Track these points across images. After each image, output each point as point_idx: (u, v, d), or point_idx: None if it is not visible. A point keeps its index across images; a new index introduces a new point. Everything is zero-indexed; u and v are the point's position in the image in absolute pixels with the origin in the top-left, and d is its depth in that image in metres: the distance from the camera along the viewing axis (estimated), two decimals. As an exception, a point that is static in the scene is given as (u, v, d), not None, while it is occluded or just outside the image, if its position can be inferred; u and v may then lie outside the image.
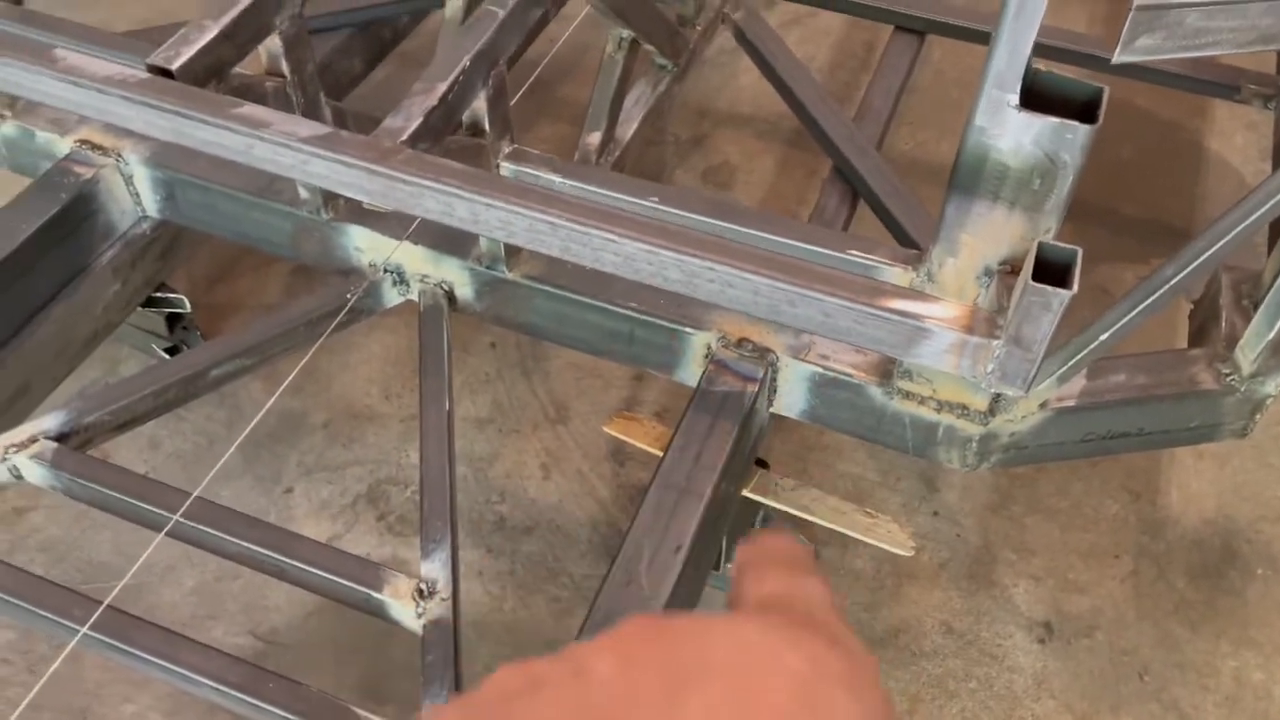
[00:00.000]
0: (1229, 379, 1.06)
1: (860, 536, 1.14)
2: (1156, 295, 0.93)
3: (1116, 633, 1.36)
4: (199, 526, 1.01)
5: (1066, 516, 1.46)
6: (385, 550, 1.43)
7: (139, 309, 1.39)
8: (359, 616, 1.01)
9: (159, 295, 1.45)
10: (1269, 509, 1.47)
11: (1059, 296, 0.73)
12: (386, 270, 1.18)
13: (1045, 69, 0.82)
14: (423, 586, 0.97)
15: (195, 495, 1.00)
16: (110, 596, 0.92)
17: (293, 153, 0.87)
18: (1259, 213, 0.88)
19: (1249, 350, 1.05)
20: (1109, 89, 0.81)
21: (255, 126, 0.87)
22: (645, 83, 1.47)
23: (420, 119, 0.94)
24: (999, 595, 1.39)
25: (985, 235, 0.88)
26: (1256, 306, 1.04)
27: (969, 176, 0.85)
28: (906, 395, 1.05)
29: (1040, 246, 0.75)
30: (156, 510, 1.02)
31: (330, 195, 1.15)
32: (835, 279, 0.81)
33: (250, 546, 1.01)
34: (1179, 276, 0.92)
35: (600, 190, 1.13)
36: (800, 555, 0.51)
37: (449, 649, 0.94)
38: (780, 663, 0.37)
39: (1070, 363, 0.96)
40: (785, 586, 0.47)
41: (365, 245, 1.18)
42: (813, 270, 0.81)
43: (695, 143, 1.94)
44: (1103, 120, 0.80)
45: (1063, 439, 1.08)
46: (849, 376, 1.06)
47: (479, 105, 1.05)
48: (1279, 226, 1.21)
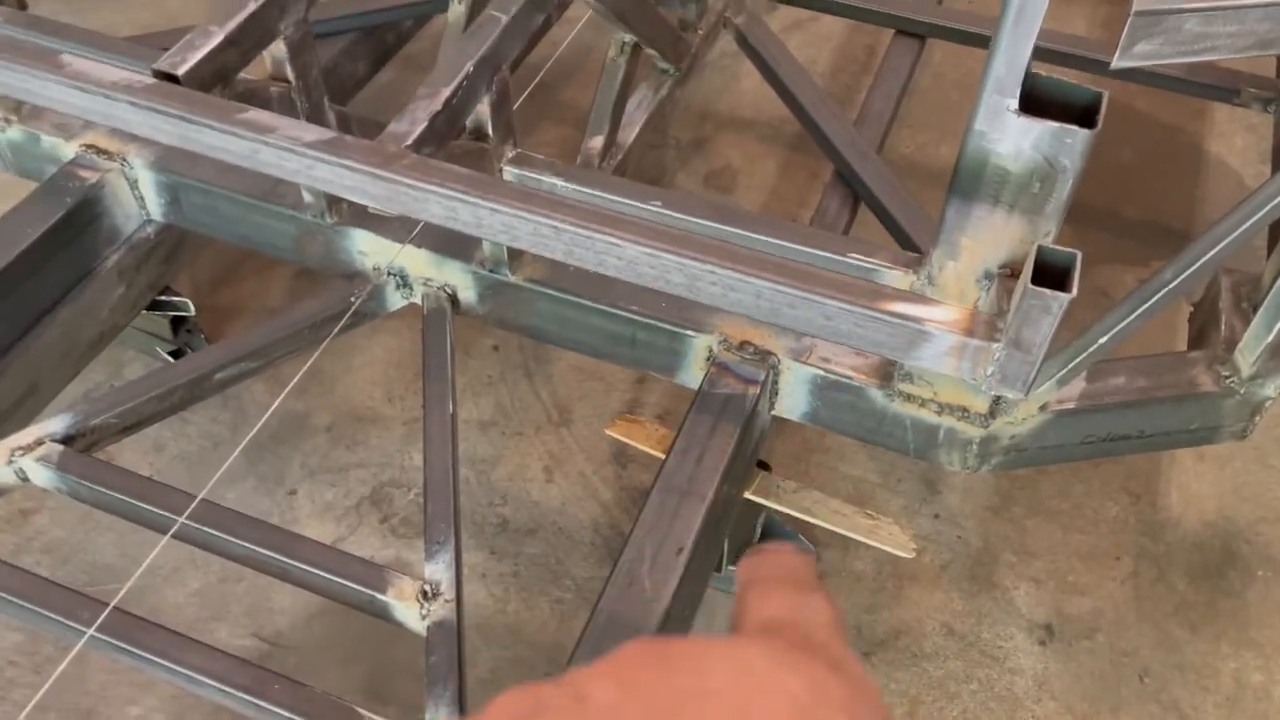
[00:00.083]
0: (1228, 381, 1.07)
1: (861, 539, 1.15)
2: (1156, 298, 0.93)
3: (1117, 634, 1.36)
4: (204, 528, 1.01)
5: (1067, 518, 1.47)
6: (389, 552, 1.43)
7: (143, 312, 1.40)
8: (362, 618, 1.01)
9: (163, 298, 1.46)
10: (1269, 510, 1.47)
11: (1058, 300, 0.74)
12: (390, 273, 1.19)
13: (1045, 74, 0.83)
14: (427, 588, 0.98)
15: (200, 497, 1.00)
16: (117, 598, 0.93)
17: (298, 158, 0.87)
18: (1258, 216, 0.88)
19: (1248, 353, 1.05)
20: (1109, 93, 0.81)
21: (260, 131, 0.88)
22: (647, 86, 1.47)
23: (424, 124, 0.95)
24: (1000, 597, 1.40)
25: (985, 239, 0.89)
26: (1256, 309, 1.04)
27: (969, 180, 0.85)
28: (907, 398, 1.05)
29: (1040, 250, 0.76)
30: (162, 512, 1.02)
31: (334, 199, 1.15)
32: (836, 282, 0.82)
33: (255, 548, 1.01)
34: (1178, 280, 0.93)
35: (603, 194, 1.13)
36: (804, 571, 0.51)
37: (453, 650, 0.95)
38: (779, 688, 0.38)
39: (1070, 365, 0.97)
40: (788, 608, 0.47)
41: (369, 249, 1.19)
42: (814, 274, 0.82)
43: (697, 146, 1.94)
44: (1102, 125, 0.81)
45: (1063, 441, 1.08)
46: (850, 379, 1.07)
47: (482, 110, 1.06)
48: (1278, 229, 1.22)
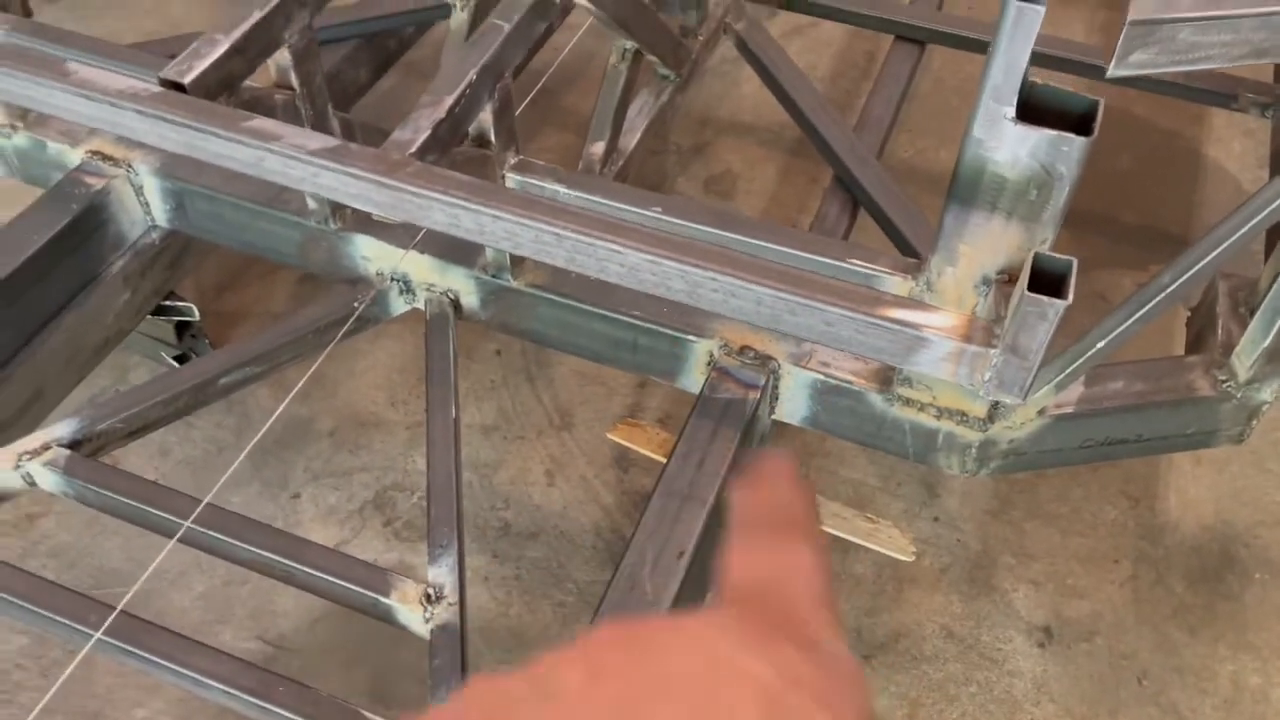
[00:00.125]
0: (1225, 385, 1.07)
1: (862, 542, 1.16)
2: (1153, 304, 0.94)
3: (1115, 637, 1.37)
4: (209, 532, 1.02)
5: (1066, 522, 1.47)
6: (392, 556, 1.44)
7: (148, 317, 1.40)
8: (365, 621, 1.02)
9: (168, 303, 1.47)
10: (1267, 514, 1.48)
11: (1054, 306, 0.75)
12: (393, 279, 1.19)
13: (1041, 82, 0.84)
14: (430, 591, 0.98)
15: (206, 502, 1.01)
16: (124, 601, 0.94)
17: (303, 165, 0.88)
18: (1254, 221, 0.89)
19: (1245, 357, 1.06)
20: (1106, 99, 0.82)
21: (266, 140, 0.89)
22: (648, 92, 1.48)
23: (428, 132, 0.96)
24: (999, 600, 1.40)
25: (983, 245, 0.90)
26: (1253, 314, 1.05)
27: (967, 188, 0.86)
28: (906, 402, 1.06)
29: (1036, 257, 0.77)
30: (168, 516, 1.03)
31: (338, 205, 1.16)
32: (836, 289, 0.83)
33: (259, 552, 1.02)
34: (1175, 285, 0.93)
35: (604, 201, 1.14)
36: (799, 508, 0.49)
37: (456, 653, 0.95)
38: (748, 674, 0.37)
39: (1068, 370, 0.98)
40: (771, 568, 0.45)
41: (372, 254, 1.19)
42: (814, 280, 0.83)
43: (697, 151, 1.95)
44: (1098, 132, 0.82)
45: (1061, 445, 1.09)
46: (849, 384, 1.07)
47: (485, 117, 1.07)
48: (1276, 234, 1.22)
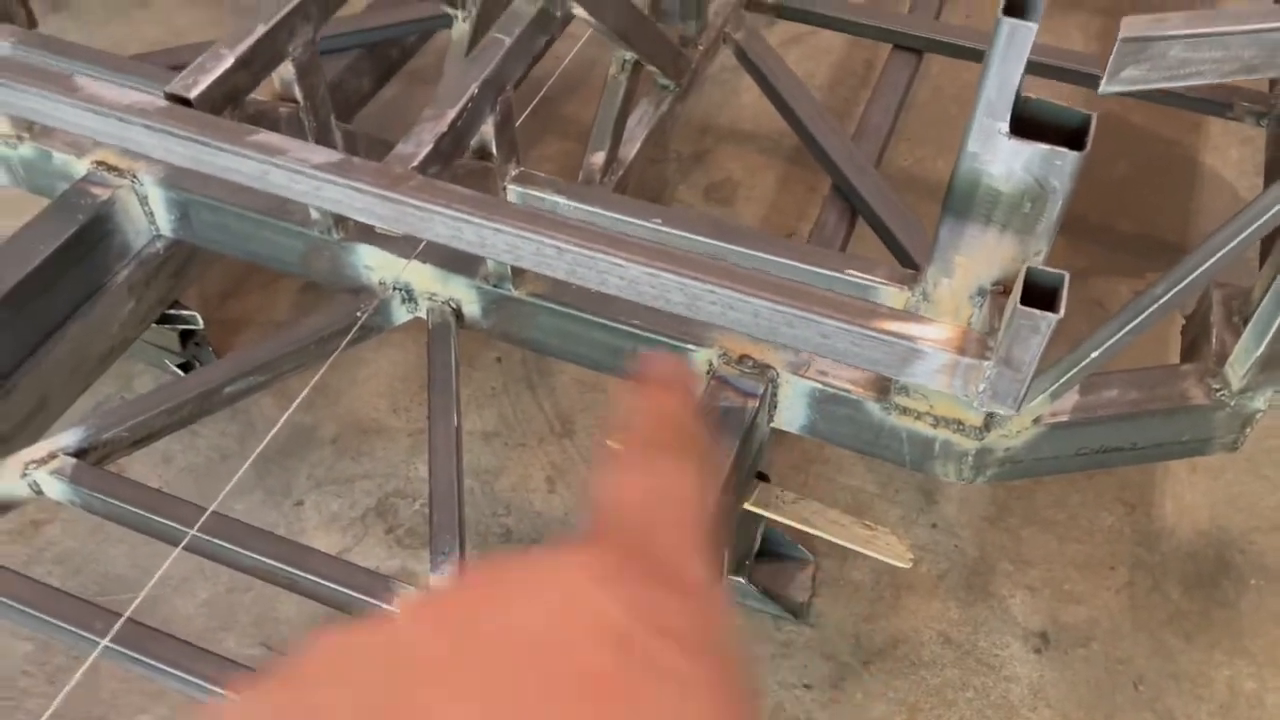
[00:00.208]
0: (1219, 394, 1.08)
1: (859, 549, 1.16)
2: (1147, 313, 0.95)
3: (1112, 643, 1.38)
4: (213, 540, 1.03)
5: (1063, 528, 1.48)
6: (394, 562, 1.45)
7: (152, 325, 1.42)
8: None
9: (172, 312, 1.48)
10: (1262, 520, 1.49)
11: (1046, 320, 0.76)
12: (395, 288, 1.21)
13: (1035, 97, 0.85)
14: (432, 599, 1.00)
15: (211, 510, 1.02)
16: (131, 608, 0.95)
17: (307, 179, 0.89)
18: (1248, 231, 0.90)
19: (1238, 366, 1.07)
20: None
21: (271, 153, 0.90)
22: (648, 102, 1.49)
23: (430, 145, 0.97)
24: (996, 606, 1.41)
25: (978, 257, 0.91)
26: (1246, 322, 1.06)
27: (962, 200, 0.88)
28: (903, 411, 1.07)
29: (1029, 271, 0.78)
30: (172, 524, 1.04)
31: (341, 216, 1.17)
32: (832, 301, 0.84)
33: (263, 559, 1.03)
34: (1168, 295, 0.94)
35: (604, 212, 1.15)
36: (683, 419, 0.45)
37: (458, 660, 0.96)
38: (602, 619, 0.34)
39: (1062, 380, 0.99)
40: (645, 493, 0.41)
41: (375, 264, 1.21)
42: (811, 293, 0.84)
43: (697, 159, 1.96)
44: (1091, 146, 0.83)
45: (1057, 453, 1.10)
46: (847, 392, 1.08)
47: (486, 130, 1.08)
48: (1270, 243, 1.24)
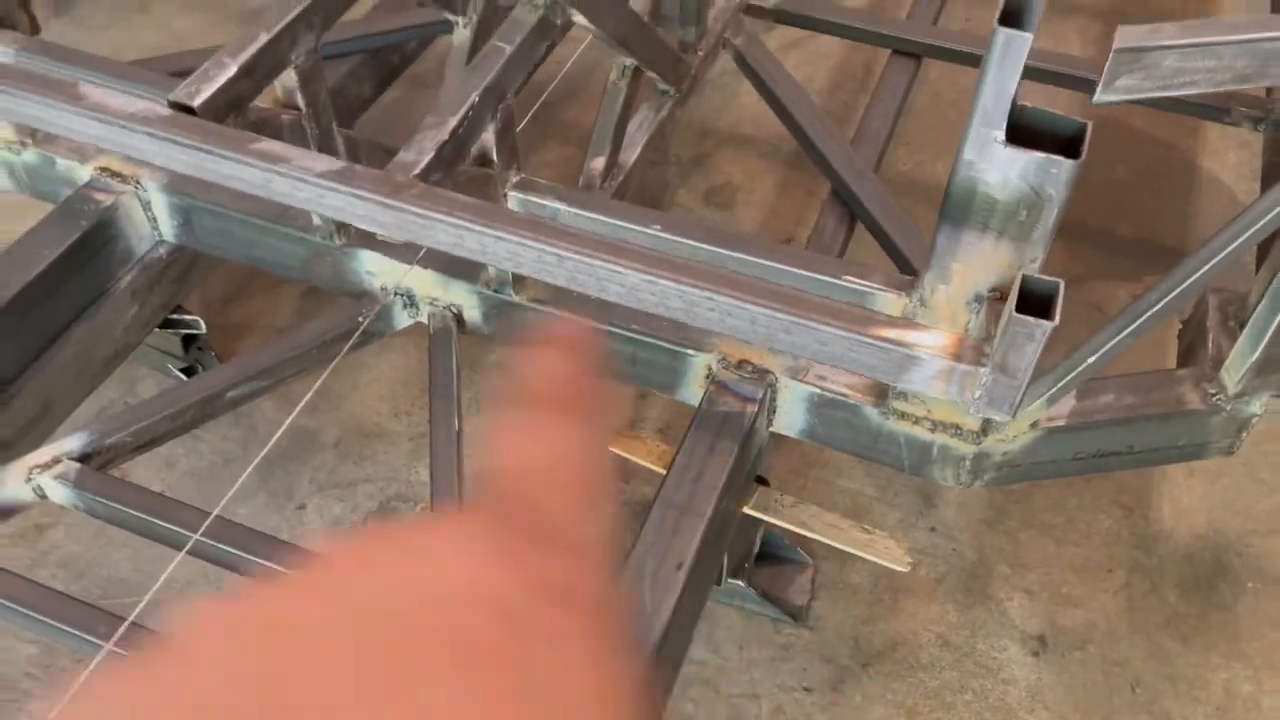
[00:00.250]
0: (1215, 399, 1.09)
1: (858, 552, 1.17)
2: (1144, 318, 0.96)
3: (1109, 645, 1.39)
4: (217, 544, 1.04)
5: (1061, 531, 1.49)
6: (395, 565, 1.46)
7: (155, 330, 1.42)
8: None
9: (175, 317, 1.49)
10: (1259, 523, 1.50)
11: (1041, 327, 0.76)
12: (397, 294, 1.21)
13: (1031, 105, 0.86)
14: (434, 602, 1.00)
15: (215, 514, 1.03)
16: (135, 613, 0.96)
17: (310, 187, 0.90)
18: (1244, 236, 0.91)
19: (1234, 371, 1.08)
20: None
21: (273, 162, 0.91)
22: (648, 108, 1.50)
23: (432, 153, 0.98)
24: (994, 609, 1.42)
25: (975, 264, 0.92)
26: (1242, 327, 1.07)
27: (959, 208, 0.88)
28: (901, 415, 1.08)
29: (1024, 279, 0.79)
30: (176, 529, 1.05)
31: (342, 222, 1.18)
32: (829, 308, 0.85)
33: (267, 563, 1.04)
34: (1164, 301, 0.95)
35: (604, 218, 1.16)
36: (579, 378, 0.41)
37: (459, 663, 0.97)
38: (486, 590, 0.32)
39: (1059, 385, 0.99)
40: (536, 454, 0.39)
41: (376, 269, 1.21)
42: (808, 300, 0.85)
43: (697, 163, 1.97)
44: (1086, 155, 0.84)
45: (1054, 457, 1.10)
46: (845, 397, 1.09)
47: (487, 137, 1.09)
48: (1266, 248, 1.24)
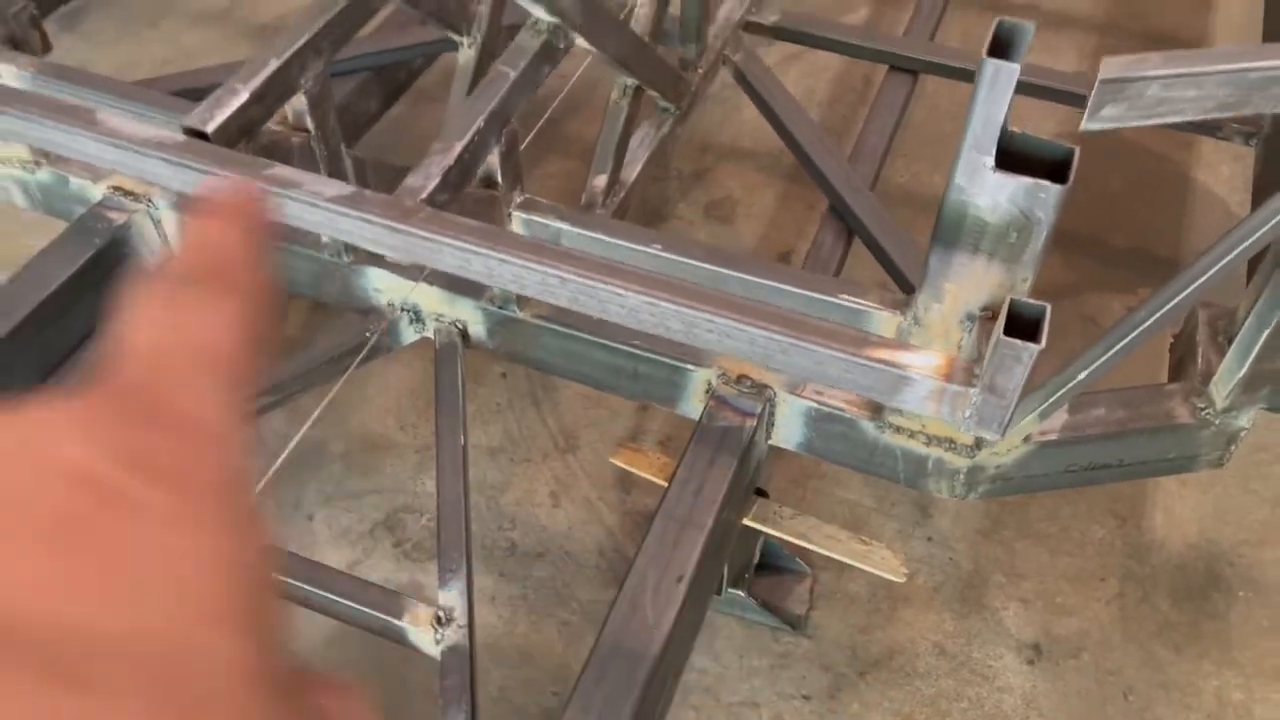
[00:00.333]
0: (1204, 413, 1.11)
1: (856, 563, 1.20)
2: (1133, 335, 0.98)
3: (1102, 654, 1.41)
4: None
5: (1055, 541, 1.51)
6: (402, 576, 1.49)
7: (166, 345, 1.45)
8: (370, 641, 1.06)
9: (184, 331, 1.51)
10: (1251, 533, 1.52)
11: (1028, 350, 0.79)
12: (404, 310, 1.24)
13: (1020, 131, 0.89)
14: (440, 614, 1.03)
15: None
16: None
17: (321, 212, 0.93)
18: (1234, 253, 0.92)
19: (1223, 385, 1.10)
20: (1080, 148, 0.87)
21: (285, 187, 0.93)
22: (649, 125, 1.52)
23: (439, 178, 1.00)
24: (990, 618, 1.44)
25: (967, 284, 0.94)
26: (1230, 342, 1.09)
27: (950, 230, 0.91)
28: (897, 430, 1.10)
29: (1012, 303, 0.81)
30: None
31: (351, 241, 1.21)
32: (825, 330, 0.87)
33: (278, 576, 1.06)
34: (1155, 317, 0.97)
35: (605, 238, 1.19)
36: (233, 249, 0.36)
37: (465, 674, 1.00)
38: (64, 461, 0.30)
39: (1051, 399, 1.02)
40: (164, 329, 0.34)
41: (384, 286, 1.24)
42: (804, 322, 0.87)
43: (698, 177, 2.00)
44: (1073, 180, 0.86)
45: (1046, 471, 1.13)
46: (842, 411, 1.11)
47: (492, 160, 1.11)
48: (1256, 264, 1.26)
